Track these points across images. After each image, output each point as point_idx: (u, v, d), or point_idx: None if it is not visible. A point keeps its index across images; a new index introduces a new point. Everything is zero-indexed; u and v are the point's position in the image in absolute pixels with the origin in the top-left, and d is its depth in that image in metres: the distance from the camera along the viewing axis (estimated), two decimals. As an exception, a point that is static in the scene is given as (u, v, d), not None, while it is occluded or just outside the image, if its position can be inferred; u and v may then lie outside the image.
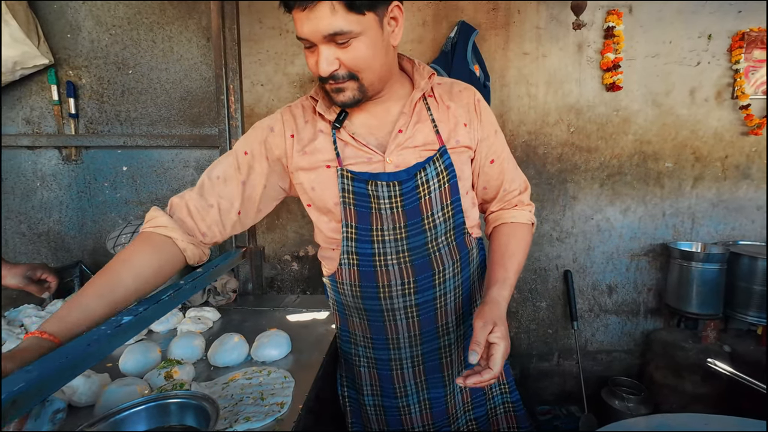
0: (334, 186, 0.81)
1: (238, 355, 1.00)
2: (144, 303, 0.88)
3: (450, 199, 0.83)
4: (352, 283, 0.85)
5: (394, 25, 0.74)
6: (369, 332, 0.89)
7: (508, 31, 2.01)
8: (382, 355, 0.89)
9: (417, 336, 0.86)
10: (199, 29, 1.47)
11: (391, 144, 0.80)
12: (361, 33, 0.68)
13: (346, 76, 0.72)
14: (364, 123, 0.83)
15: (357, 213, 0.81)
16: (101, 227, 1.56)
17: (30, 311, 1.23)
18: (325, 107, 0.82)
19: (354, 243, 0.82)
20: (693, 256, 1.93)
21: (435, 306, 0.85)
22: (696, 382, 1.86)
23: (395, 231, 0.81)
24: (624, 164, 2.09)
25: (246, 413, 0.78)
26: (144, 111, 1.52)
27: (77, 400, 0.82)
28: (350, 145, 0.82)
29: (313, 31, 0.67)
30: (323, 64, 0.70)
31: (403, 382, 0.89)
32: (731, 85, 2.03)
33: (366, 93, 0.75)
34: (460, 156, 0.84)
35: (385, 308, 0.84)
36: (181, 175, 1.54)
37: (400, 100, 0.83)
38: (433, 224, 0.82)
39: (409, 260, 0.81)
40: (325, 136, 0.83)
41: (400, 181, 0.80)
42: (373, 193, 0.80)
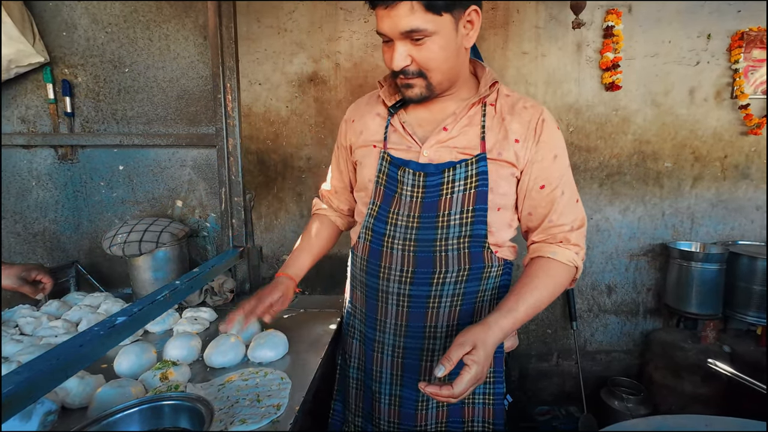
0: (374, 166, 0.87)
1: (235, 356, 0.99)
2: (138, 303, 0.87)
3: (473, 205, 0.80)
4: (362, 257, 0.90)
5: (470, 27, 0.77)
6: (364, 307, 0.93)
7: (507, 31, 2.01)
8: (369, 334, 0.92)
9: (403, 326, 0.86)
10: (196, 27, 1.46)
11: (431, 138, 0.83)
12: (436, 33, 0.71)
13: (416, 72, 0.76)
14: (417, 115, 0.87)
15: (384, 193, 0.86)
16: (97, 227, 1.55)
17: (25, 311, 1.22)
18: (388, 94, 0.88)
19: (373, 220, 0.88)
20: (692, 256, 1.92)
21: (427, 304, 0.84)
22: (695, 382, 1.85)
23: (409, 218, 0.84)
24: (623, 164, 2.09)
25: (242, 415, 0.77)
26: (140, 110, 1.50)
27: (71, 401, 0.81)
28: (398, 131, 0.87)
29: (392, 27, 0.72)
30: (397, 59, 0.74)
31: (380, 366, 0.90)
32: (730, 84, 2.02)
33: (433, 91, 0.79)
34: (500, 169, 0.81)
35: (381, 288, 0.87)
36: (178, 175, 1.53)
37: (459, 101, 0.85)
38: (446, 223, 0.82)
39: (413, 250, 0.83)
40: (380, 119, 0.90)
41: (426, 173, 0.82)
42: (401, 178, 0.84)
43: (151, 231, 1.36)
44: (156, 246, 1.33)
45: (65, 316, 1.20)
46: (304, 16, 2.00)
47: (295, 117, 2.09)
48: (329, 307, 1.34)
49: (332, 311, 1.31)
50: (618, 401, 1.94)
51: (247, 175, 2.13)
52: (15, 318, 1.19)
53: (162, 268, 1.37)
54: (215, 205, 1.52)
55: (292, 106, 2.09)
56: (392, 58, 0.75)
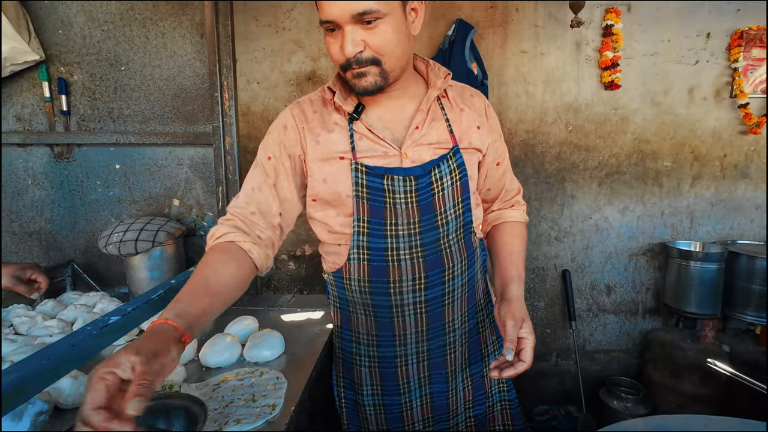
0: (347, 179, 0.81)
1: (230, 355, 0.98)
2: (132, 302, 0.86)
3: (461, 197, 0.85)
4: (361, 279, 0.84)
5: (414, 15, 0.76)
6: (374, 329, 0.88)
7: (506, 30, 2.00)
8: (387, 353, 0.88)
9: (424, 332, 0.86)
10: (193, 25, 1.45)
11: (407, 139, 0.82)
12: (388, 14, 0.69)
13: (369, 59, 0.72)
14: (380, 117, 0.84)
15: (370, 207, 0.81)
16: (93, 226, 1.54)
17: (19, 311, 1.21)
18: (342, 98, 0.82)
19: (366, 237, 0.82)
20: (691, 255, 1.92)
21: (443, 302, 0.85)
22: (694, 382, 1.85)
23: (409, 226, 0.82)
24: (622, 163, 2.08)
25: (237, 415, 0.76)
26: (137, 108, 1.49)
27: (64, 401, 0.80)
28: (366, 138, 0.82)
29: (342, 11, 0.68)
30: (348, 46, 0.70)
31: (407, 377, 0.89)
32: (730, 83, 2.02)
33: (387, 79, 0.76)
34: (471, 157, 0.87)
35: (395, 304, 0.84)
36: (175, 173, 1.52)
37: (414, 98, 0.85)
38: (445, 221, 0.83)
39: (421, 255, 0.82)
40: (340, 128, 0.83)
41: (416, 176, 0.81)
42: (389, 188, 0.80)
43: (148, 230, 1.35)
44: (152, 245, 1.32)
45: (60, 316, 1.19)
46: (303, 15, 2.00)
47: (293, 116, 2.08)
48: (327, 307, 1.33)
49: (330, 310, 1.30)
50: (617, 401, 1.94)
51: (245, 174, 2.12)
52: (9, 317, 1.18)
53: (158, 267, 1.37)
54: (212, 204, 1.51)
55: (290, 105, 2.08)
56: (343, 45, 0.70)
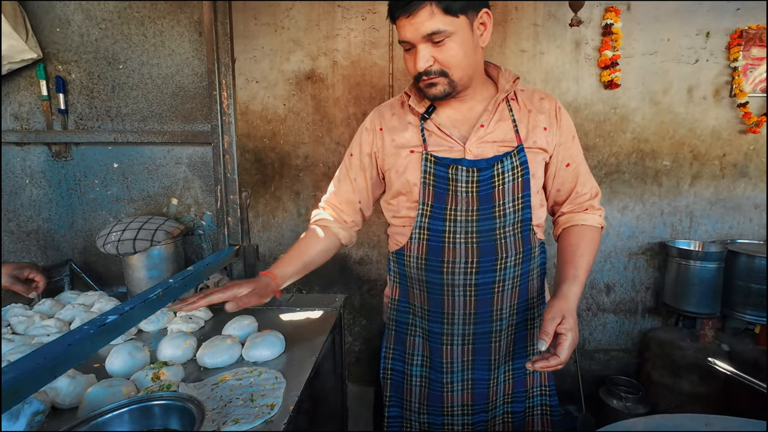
0: (416, 169, 0.90)
1: (230, 356, 0.98)
2: (130, 302, 0.85)
3: (521, 193, 0.89)
4: (419, 256, 0.91)
5: (483, 29, 0.84)
6: (427, 304, 0.93)
7: (505, 29, 2.00)
8: (435, 328, 0.93)
9: (472, 315, 0.90)
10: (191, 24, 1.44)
11: (472, 136, 0.89)
12: (454, 33, 0.78)
13: (438, 72, 0.82)
14: (449, 117, 0.92)
15: (435, 193, 0.89)
16: (92, 225, 1.53)
17: (17, 310, 1.21)
18: (416, 101, 0.93)
19: (428, 219, 0.90)
20: (691, 254, 1.92)
21: (492, 290, 0.89)
22: (693, 381, 1.85)
23: (467, 213, 0.88)
24: (622, 162, 2.08)
25: (235, 415, 0.76)
26: (135, 107, 1.49)
27: (61, 401, 0.79)
28: (435, 134, 0.91)
29: (414, 33, 0.79)
30: (420, 62, 0.81)
31: (450, 357, 0.93)
32: (729, 83, 2.01)
33: (455, 87, 0.85)
34: (536, 156, 0.90)
35: (446, 283, 0.89)
36: (173, 172, 1.51)
37: (483, 101, 0.92)
38: (502, 213, 0.88)
39: (476, 241, 0.87)
40: (414, 127, 0.93)
41: (479, 168, 0.87)
42: (453, 176, 0.88)
43: (146, 229, 1.35)
44: (151, 244, 1.32)
45: (58, 315, 1.19)
46: (302, 14, 1.99)
47: (292, 115, 2.08)
48: (326, 306, 1.32)
49: (329, 310, 1.30)
50: (617, 400, 1.94)
51: (244, 173, 2.12)
52: (7, 317, 1.17)
53: (157, 266, 1.36)
54: (211, 203, 1.50)
55: (290, 104, 2.08)
56: (416, 61, 0.81)
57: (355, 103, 2.04)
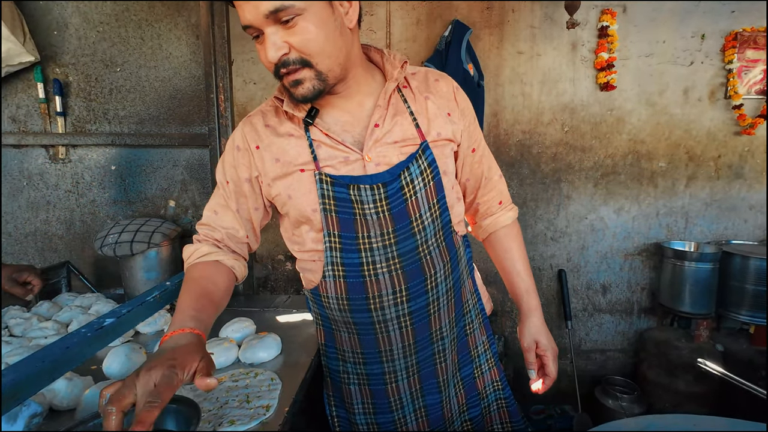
0: (312, 192, 0.75)
1: (226, 358, 0.99)
2: (127, 305, 0.86)
3: (436, 197, 0.78)
4: (339, 296, 0.78)
5: (348, 6, 0.69)
6: (359, 347, 0.83)
7: (502, 30, 2.01)
8: (374, 370, 0.83)
9: (411, 345, 0.81)
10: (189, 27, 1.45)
11: (368, 140, 0.75)
12: (305, 9, 0.63)
13: (298, 61, 0.66)
14: (336, 120, 0.77)
15: (340, 220, 0.75)
16: (89, 227, 1.54)
17: (14, 312, 1.21)
18: (292, 105, 0.75)
19: (339, 253, 0.76)
20: (686, 255, 1.93)
21: (428, 312, 0.80)
22: (689, 381, 1.86)
23: (383, 237, 0.76)
24: (618, 164, 2.09)
25: (231, 416, 0.77)
26: (132, 109, 1.49)
27: (58, 403, 0.80)
28: (324, 144, 0.76)
29: (254, 14, 0.63)
30: (270, 50, 0.64)
31: (398, 394, 0.84)
32: (724, 84, 2.03)
33: (326, 81, 0.69)
34: (443, 150, 0.80)
35: (377, 320, 0.79)
36: (171, 175, 1.52)
37: (372, 94, 0.78)
38: (422, 226, 0.77)
39: (400, 267, 0.76)
40: (297, 138, 0.77)
41: (385, 183, 0.74)
42: (356, 198, 0.74)
43: (143, 231, 1.35)
44: (148, 246, 1.33)
45: (56, 317, 1.19)
46: (299, 15, 2.00)
47: (289, 116, 2.09)
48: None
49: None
50: (612, 400, 1.95)
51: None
52: (5, 319, 1.17)
53: (154, 268, 1.37)
54: (208, 205, 1.51)
55: (287, 106, 2.08)
56: (265, 50, 0.65)
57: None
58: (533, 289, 0.89)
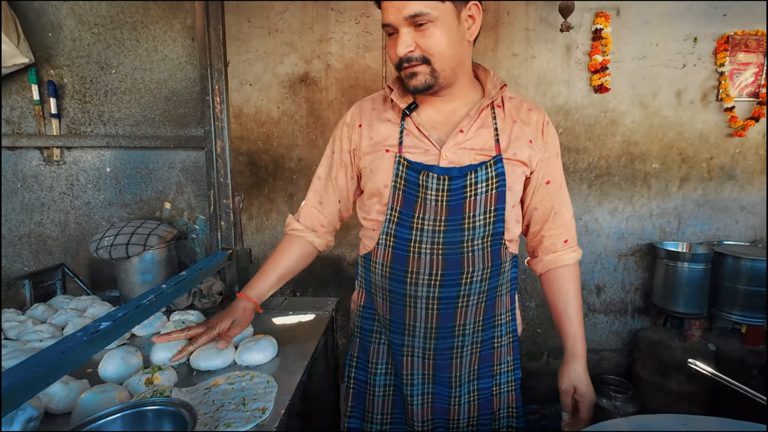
0: (389, 170, 0.86)
1: (223, 361, 0.99)
2: (123, 308, 0.86)
3: (495, 205, 0.84)
4: (384, 263, 0.88)
5: (471, 22, 0.81)
6: (389, 314, 0.90)
7: (497, 33, 2.02)
8: (396, 339, 0.90)
9: (433, 329, 0.87)
10: (184, 29, 1.45)
11: (449, 141, 0.84)
12: (438, 18, 0.75)
13: (420, 58, 0.78)
14: (429, 117, 0.88)
15: (404, 199, 0.85)
16: (84, 229, 1.53)
17: (9, 315, 1.20)
18: (399, 96, 0.88)
19: (395, 226, 0.86)
20: (679, 256, 1.95)
21: (456, 304, 0.86)
22: (681, 380, 1.88)
23: (435, 222, 0.84)
24: (612, 165, 2.11)
25: (227, 419, 0.77)
26: (128, 111, 1.49)
27: (54, 407, 0.80)
28: (412, 134, 0.87)
29: (396, 15, 0.75)
30: (401, 46, 0.77)
31: (411, 369, 0.90)
32: (716, 87, 2.05)
33: (437, 79, 0.80)
34: (515, 169, 0.86)
35: (409, 294, 0.86)
36: (166, 177, 1.51)
37: (468, 104, 0.88)
38: (472, 225, 0.84)
39: (442, 253, 0.83)
40: (392, 124, 0.89)
41: (451, 177, 0.83)
42: (423, 183, 0.83)
43: (139, 233, 1.35)
44: (143, 248, 1.32)
45: (51, 320, 1.19)
46: (295, 17, 2.00)
47: (286, 118, 2.09)
48: (318, 309, 1.34)
49: (321, 313, 1.31)
50: (606, 399, 1.97)
51: (237, 176, 2.12)
52: None
53: (150, 270, 1.36)
54: (204, 207, 1.51)
55: (283, 107, 2.08)
56: (397, 45, 0.77)
57: (348, 106, 2.04)
58: (581, 336, 0.92)
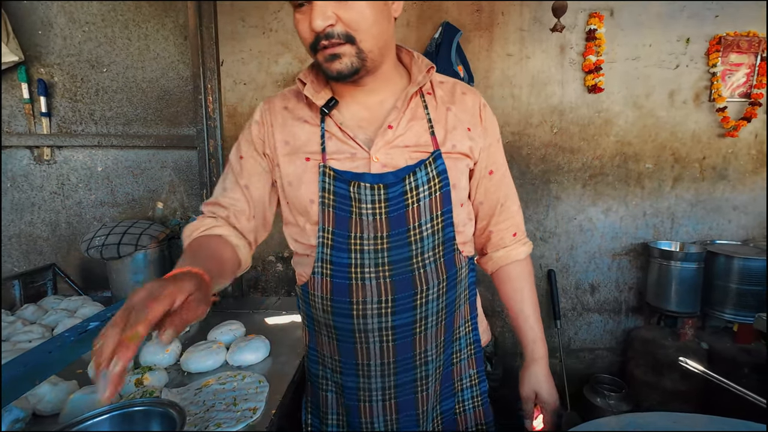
0: (313, 183, 0.72)
1: (214, 361, 0.98)
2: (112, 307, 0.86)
3: (441, 209, 0.73)
4: (324, 296, 0.74)
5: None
6: (337, 354, 0.76)
7: (492, 33, 2.02)
8: (349, 382, 0.76)
9: (391, 364, 0.74)
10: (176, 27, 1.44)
11: (378, 140, 0.71)
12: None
13: (343, 35, 0.64)
14: (354, 114, 0.75)
15: (335, 216, 0.71)
16: (75, 229, 1.52)
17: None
18: (313, 90, 0.73)
19: (330, 250, 0.72)
20: (672, 255, 1.96)
21: (413, 330, 0.74)
22: (675, 379, 1.89)
23: (376, 240, 0.71)
24: (606, 165, 2.12)
25: (217, 419, 0.77)
26: (119, 110, 1.48)
27: (43, 408, 0.79)
28: (335, 137, 0.73)
29: None
30: (317, 18, 0.61)
31: (370, 417, 0.76)
32: (708, 87, 2.07)
33: (365, 62, 0.66)
34: (457, 163, 0.75)
35: (358, 328, 0.73)
36: (158, 176, 1.51)
37: (395, 94, 0.75)
38: (419, 236, 0.72)
39: (389, 275, 0.71)
40: (310, 126, 0.75)
41: (386, 184, 0.71)
42: (355, 196, 0.70)
43: (131, 233, 1.34)
44: (135, 248, 1.31)
45: (41, 321, 1.18)
46: (290, 16, 1.99)
47: (280, 117, 2.08)
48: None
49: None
50: (600, 398, 1.97)
51: (232, 175, 2.11)
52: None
53: (142, 270, 1.36)
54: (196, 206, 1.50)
55: (278, 107, 2.07)
56: (312, 20, 0.62)
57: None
58: (541, 338, 0.85)
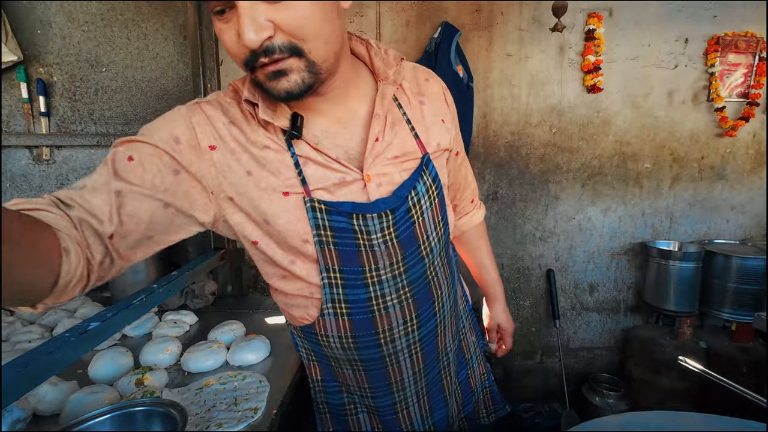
0: (301, 220, 0.60)
1: (215, 361, 0.99)
2: (113, 308, 0.86)
3: (440, 215, 0.70)
4: (343, 335, 0.67)
5: None
6: (366, 382, 0.73)
7: (491, 33, 2.03)
8: (384, 402, 0.75)
9: (421, 370, 0.74)
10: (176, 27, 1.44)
11: (368, 157, 0.62)
12: None
13: (286, 47, 0.48)
14: (326, 130, 0.62)
15: (340, 253, 0.62)
16: (75, 229, 1.52)
17: (-3, 317, 1.19)
18: (270, 112, 0.57)
19: (341, 289, 0.64)
20: (670, 254, 1.97)
21: (436, 333, 0.74)
22: (673, 378, 1.90)
23: (393, 267, 0.65)
24: (604, 165, 2.13)
25: (218, 419, 0.77)
26: (119, 110, 1.48)
27: (43, 409, 0.79)
28: (313, 162, 0.60)
29: None
30: (248, 30, 0.46)
31: (410, 419, 0.78)
32: (707, 87, 2.08)
33: (318, 74, 0.52)
34: (440, 161, 0.72)
35: (387, 353, 0.69)
36: (158, 176, 1.51)
37: (364, 97, 0.64)
38: (429, 249, 0.69)
39: (410, 295, 0.67)
40: (275, 152, 0.59)
41: (393, 209, 0.63)
42: (360, 228, 0.61)
43: (130, 233, 1.34)
44: (135, 248, 1.31)
45: (40, 321, 1.18)
46: (289, 16, 1.99)
47: (279, 117, 2.08)
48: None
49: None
50: (599, 397, 1.98)
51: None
52: (-13, 323, 1.16)
53: (142, 270, 1.36)
54: (197, 206, 1.50)
55: (277, 106, 2.07)
56: (240, 31, 0.46)
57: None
58: (499, 281, 1.00)
